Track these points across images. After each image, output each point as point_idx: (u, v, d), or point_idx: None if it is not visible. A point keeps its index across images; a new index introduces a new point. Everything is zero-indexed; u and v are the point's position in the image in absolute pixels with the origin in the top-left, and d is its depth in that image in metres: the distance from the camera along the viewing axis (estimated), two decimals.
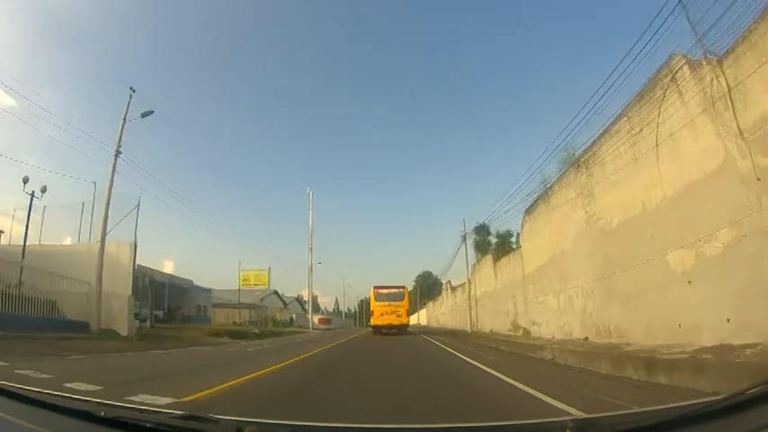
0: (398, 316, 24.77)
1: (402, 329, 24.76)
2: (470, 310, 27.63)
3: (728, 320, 6.08)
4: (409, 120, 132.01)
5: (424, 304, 63.50)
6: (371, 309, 26.82)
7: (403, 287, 26.94)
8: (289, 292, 68.70)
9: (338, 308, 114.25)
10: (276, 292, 60.26)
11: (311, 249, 48.83)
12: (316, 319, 50.71)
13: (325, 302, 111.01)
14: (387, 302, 25.10)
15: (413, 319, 50.88)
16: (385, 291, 25.80)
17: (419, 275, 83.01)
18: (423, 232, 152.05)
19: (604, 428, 1.40)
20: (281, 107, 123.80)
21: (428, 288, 67.28)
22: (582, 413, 3.41)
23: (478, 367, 8.09)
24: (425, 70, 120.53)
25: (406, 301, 25.60)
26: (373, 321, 25.75)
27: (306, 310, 57.04)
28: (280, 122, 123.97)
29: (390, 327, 24.44)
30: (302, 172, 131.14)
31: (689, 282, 7.08)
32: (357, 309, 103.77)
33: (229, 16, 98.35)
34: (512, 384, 5.78)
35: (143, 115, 17.92)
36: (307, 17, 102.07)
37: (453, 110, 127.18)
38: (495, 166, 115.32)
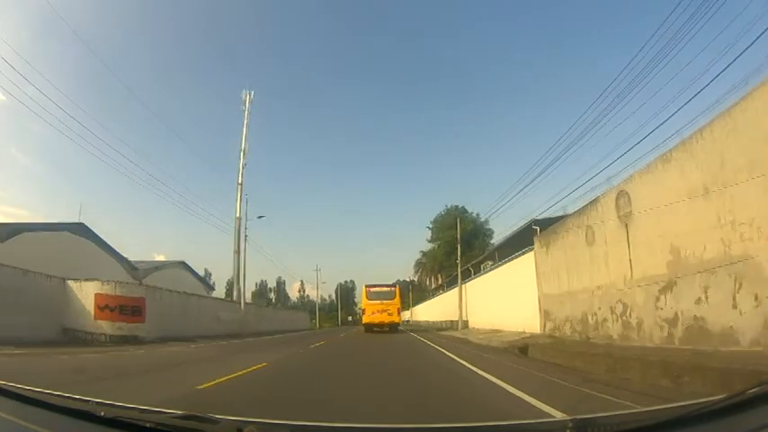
0: (389, 314, 25.85)
1: (393, 328, 26.09)
2: None
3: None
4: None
5: (460, 274, 28.64)
6: (363, 307, 28.28)
7: (394, 286, 28.50)
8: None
9: (305, 295, 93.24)
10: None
11: (241, 185, 30.87)
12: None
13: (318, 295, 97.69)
14: (378, 301, 26.21)
15: (422, 316, 48.66)
16: (376, 289, 27.08)
17: (440, 216, 48.20)
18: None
19: (604, 428, 1.40)
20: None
21: (464, 241, 34.39)
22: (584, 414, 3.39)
23: None
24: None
25: (397, 300, 26.72)
26: (365, 319, 27.06)
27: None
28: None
29: (382, 325, 25.76)
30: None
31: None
32: (334, 298, 76.25)
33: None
34: None
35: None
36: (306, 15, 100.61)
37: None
38: None
